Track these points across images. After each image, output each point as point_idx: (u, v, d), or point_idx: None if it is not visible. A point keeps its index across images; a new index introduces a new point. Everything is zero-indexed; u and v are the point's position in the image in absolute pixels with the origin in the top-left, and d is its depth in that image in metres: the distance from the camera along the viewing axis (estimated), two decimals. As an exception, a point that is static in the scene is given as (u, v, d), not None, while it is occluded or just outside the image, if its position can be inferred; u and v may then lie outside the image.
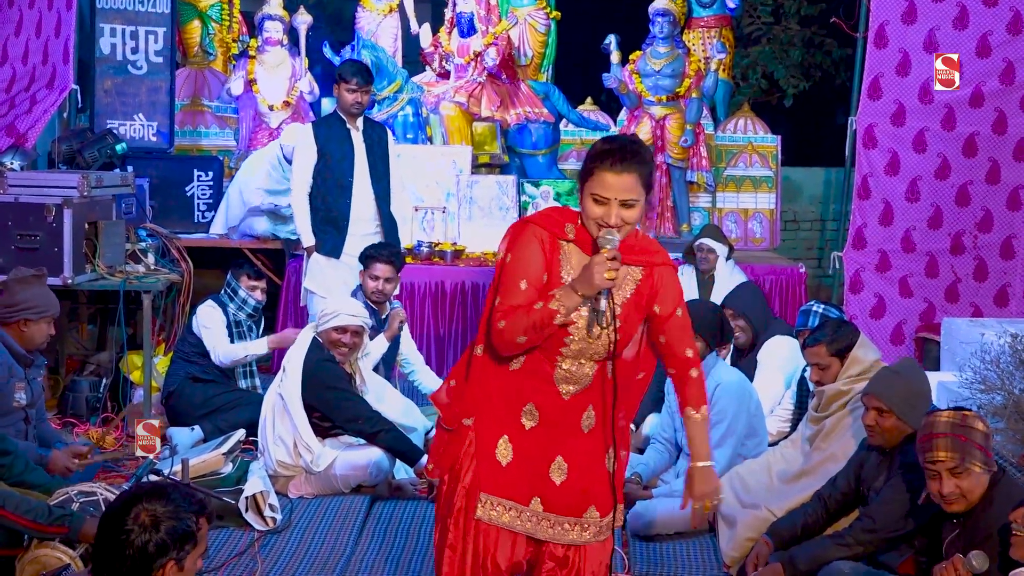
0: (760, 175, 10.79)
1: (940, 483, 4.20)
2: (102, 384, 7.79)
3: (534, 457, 3.92)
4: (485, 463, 3.92)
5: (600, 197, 3.69)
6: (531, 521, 3.93)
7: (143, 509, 3.21)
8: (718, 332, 6.22)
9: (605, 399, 3.92)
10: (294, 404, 6.40)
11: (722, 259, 8.71)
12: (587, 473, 3.95)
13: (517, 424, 3.92)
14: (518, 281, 3.77)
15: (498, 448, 3.92)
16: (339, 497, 6.41)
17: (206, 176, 9.77)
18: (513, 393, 3.91)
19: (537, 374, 3.87)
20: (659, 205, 10.50)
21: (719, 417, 6.00)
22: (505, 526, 3.91)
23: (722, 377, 6.10)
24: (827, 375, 5.57)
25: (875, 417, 4.91)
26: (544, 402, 3.89)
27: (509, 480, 3.91)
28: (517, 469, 3.91)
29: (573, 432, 3.93)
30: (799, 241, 11.26)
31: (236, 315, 7.53)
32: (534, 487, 3.92)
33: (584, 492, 3.95)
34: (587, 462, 3.96)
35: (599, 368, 3.87)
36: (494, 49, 10.35)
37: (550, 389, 3.89)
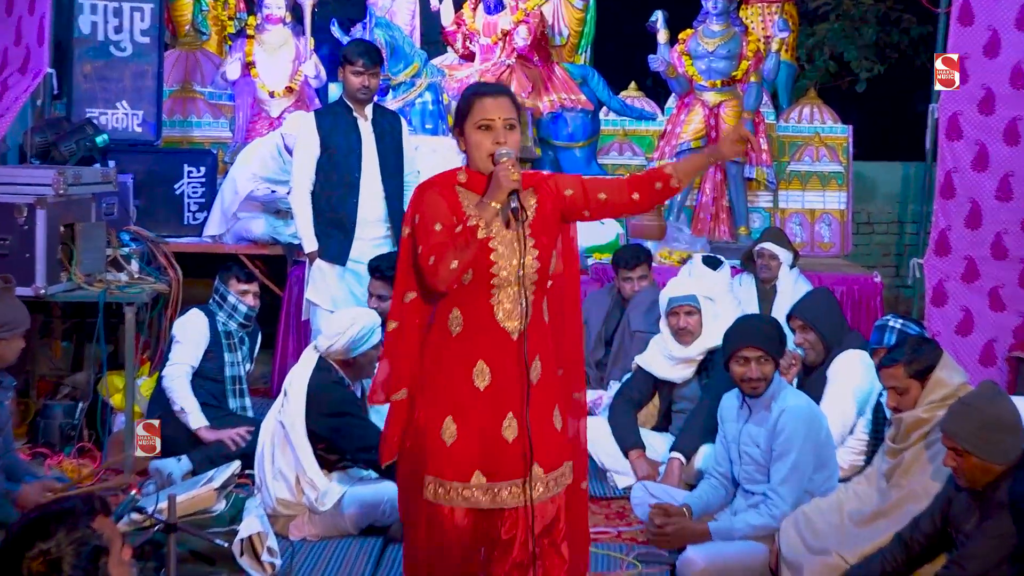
0: (829, 171, 10.75)
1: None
2: (78, 409, 7.76)
3: (485, 422, 4.46)
4: (429, 443, 4.48)
5: (485, 121, 4.46)
6: (476, 493, 4.47)
7: (34, 556, 3.05)
8: (782, 349, 6.18)
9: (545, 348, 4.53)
10: (297, 433, 6.36)
11: (785, 267, 8.68)
12: (535, 427, 4.45)
13: (469, 390, 4.46)
14: (432, 226, 4.38)
15: (443, 429, 4.47)
16: (347, 539, 6.38)
17: (198, 172, 9.79)
18: (462, 357, 4.47)
19: (481, 327, 4.45)
20: (713, 205, 10.46)
21: (784, 448, 5.94)
22: (452, 504, 4.46)
23: (787, 402, 6.04)
24: (906, 400, 5.50)
25: (954, 458, 4.85)
26: (494, 354, 4.45)
27: (452, 460, 4.45)
28: (461, 445, 4.46)
29: (524, 383, 4.45)
30: (873, 246, 11.22)
31: (226, 324, 7.52)
32: (480, 458, 4.46)
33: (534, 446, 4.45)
34: (536, 415, 4.46)
35: (535, 306, 4.47)
36: (525, 27, 10.35)
37: (497, 334, 4.45)
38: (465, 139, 4.53)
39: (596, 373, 8.38)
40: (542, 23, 10.62)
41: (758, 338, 6.07)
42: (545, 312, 4.56)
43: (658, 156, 10.58)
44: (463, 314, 4.46)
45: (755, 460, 6.09)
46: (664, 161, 10.45)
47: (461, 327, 4.47)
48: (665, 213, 10.18)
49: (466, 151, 4.55)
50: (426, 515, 4.53)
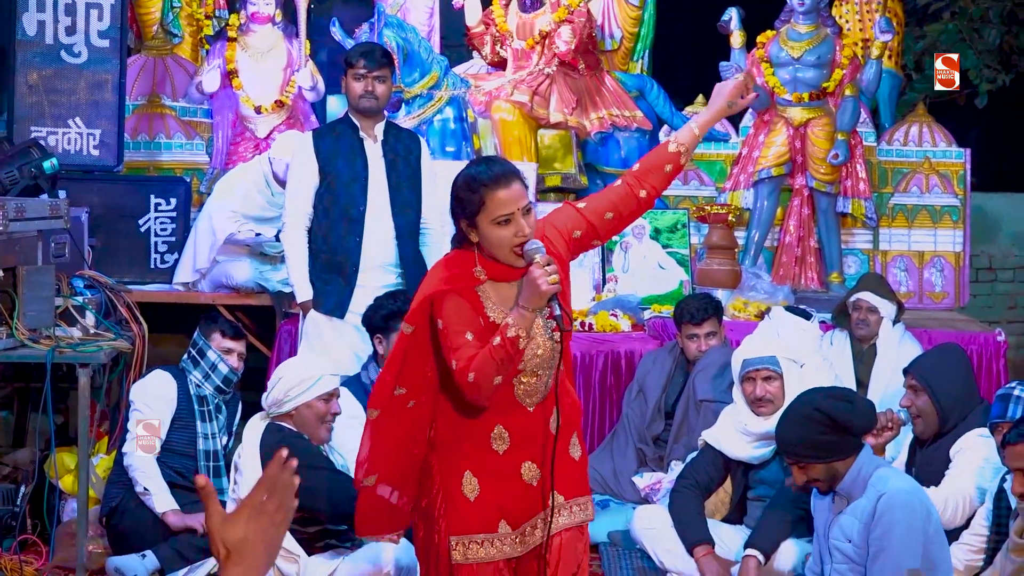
0: (942, 204, 10.79)
1: None
2: (20, 494, 7.74)
3: (505, 475, 5.07)
4: (451, 503, 5.06)
5: (503, 217, 4.86)
6: (504, 543, 5.07)
7: None
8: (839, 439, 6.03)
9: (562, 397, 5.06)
10: None
11: (887, 322, 8.70)
12: (559, 462, 5.06)
13: (488, 452, 5.06)
14: (462, 336, 4.89)
15: (463, 485, 5.06)
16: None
17: (167, 204, 9.87)
18: (479, 427, 5.05)
19: (498, 401, 4.99)
20: (799, 246, 10.49)
21: (882, 544, 5.93)
22: (481, 560, 5.03)
23: (888, 485, 6.02)
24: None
25: None
26: (511, 421, 5.06)
27: (477, 514, 5.04)
28: (485, 498, 5.06)
29: (544, 436, 5.08)
30: (997, 297, 11.25)
31: (201, 387, 7.56)
32: (503, 509, 5.07)
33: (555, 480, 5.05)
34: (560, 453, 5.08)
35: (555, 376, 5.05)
36: (568, 28, 10.41)
37: (515, 408, 5.06)
38: (479, 232, 4.93)
39: (655, 452, 8.41)
40: (589, 23, 10.62)
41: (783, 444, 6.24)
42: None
43: (731, 186, 10.62)
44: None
45: (848, 557, 6.08)
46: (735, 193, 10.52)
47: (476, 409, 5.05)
48: (740, 256, 10.20)
49: (478, 241, 4.96)
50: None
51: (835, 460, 6.04)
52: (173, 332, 8.54)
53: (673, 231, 10.23)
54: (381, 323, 7.52)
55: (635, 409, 8.61)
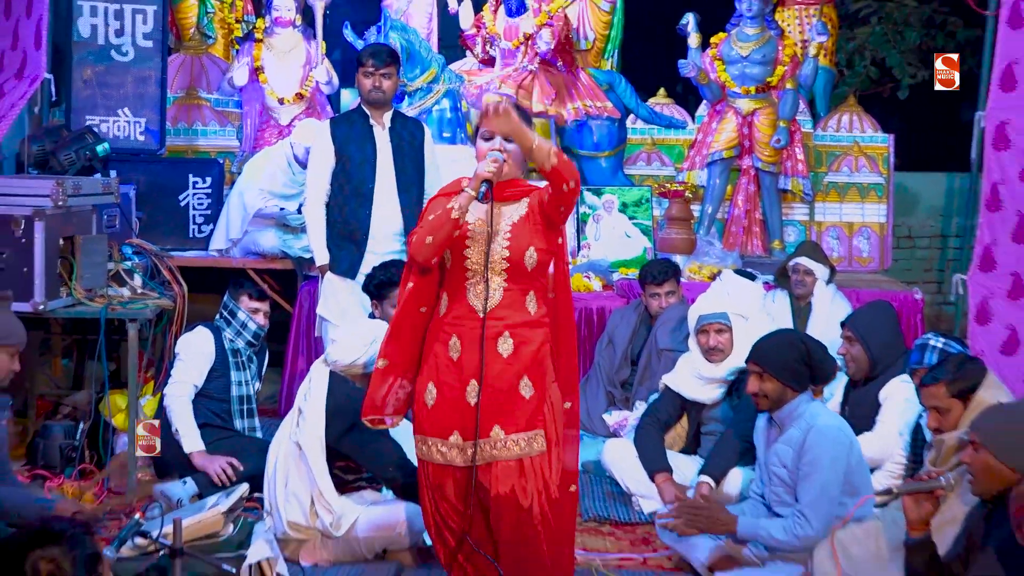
0: (868, 182, 10.81)
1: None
2: (79, 430, 7.74)
3: (455, 388, 5.31)
4: (418, 408, 5.41)
5: (487, 133, 5.37)
6: (453, 451, 5.32)
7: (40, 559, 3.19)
8: (802, 370, 6.18)
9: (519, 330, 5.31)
10: (314, 454, 6.40)
11: (821, 283, 8.73)
12: (500, 396, 5.27)
13: (445, 360, 5.35)
14: (427, 216, 5.31)
15: (426, 393, 5.37)
16: (360, 565, 6.43)
17: (203, 182, 9.87)
18: (443, 333, 5.35)
19: (457, 306, 5.33)
20: (746, 218, 10.52)
21: (810, 470, 5.97)
22: (435, 461, 5.36)
23: (815, 421, 6.05)
24: (947, 421, 5.54)
25: (971, 455, 4.89)
26: (464, 329, 5.31)
27: (433, 419, 5.35)
28: (439, 407, 5.34)
29: (490, 357, 5.26)
30: (915, 261, 11.27)
31: (234, 342, 7.56)
32: (454, 420, 5.30)
33: (489, 412, 5.25)
34: (498, 384, 5.27)
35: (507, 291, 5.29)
36: (548, 31, 10.41)
37: (468, 312, 5.31)
38: (475, 145, 5.50)
39: (621, 393, 8.45)
40: (566, 26, 10.64)
41: (756, 353, 6.22)
42: (531, 303, 5.35)
43: (688, 166, 10.65)
44: (447, 297, 5.38)
45: (783, 481, 6.12)
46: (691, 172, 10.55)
47: (446, 308, 5.38)
48: (695, 226, 10.24)
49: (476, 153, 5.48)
50: (423, 473, 5.46)
51: (789, 387, 6.09)
52: (209, 292, 8.53)
53: (638, 205, 10.25)
54: (375, 291, 7.45)
55: (605, 357, 8.65)
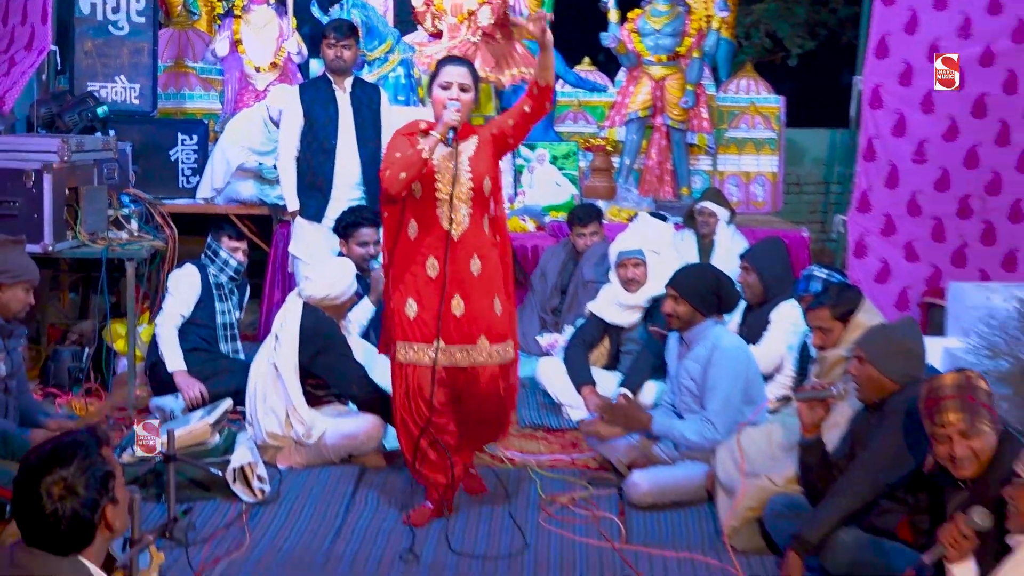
0: (763, 137, 10.83)
1: (951, 446, 4.20)
2: (85, 354, 7.79)
3: (436, 300, 5.46)
4: (398, 320, 5.55)
5: (445, 83, 5.47)
6: (436, 354, 5.47)
7: (52, 482, 3.12)
8: (711, 299, 6.22)
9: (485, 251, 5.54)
10: (289, 373, 6.43)
11: (723, 223, 8.76)
12: (478, 309, 5.51)
13: (423, 276, 5.50)
14: (393, 154, 5.39)
15: (407, 307, 5.53)
16: (328, 467, 6.47)
17: (191, 140, 9.79)
18: (418, 254, 5.50)
19: (430, 231, 5.48)
20: (658, 168, 10.53)
21: (715, 382, 6.04)
22: (418, 363, 5.51)
23: (719, 341, 6.13)
24: (829, 339, 5.60)
25: (856, 367, 4.96)
26: (440, 252, 5.46)
27: (416, 329, 5.52)
28: (420, 318, 5.50)
29: (466, 275, 5.49)
30: (802, 205, 11.31)
31: (218, 277, 7.53)
32: (436, 328, 5.45)
33: (476, 324, 5.51)
34: (478, 300, 5.52)
35: (472, 218, 5.50)
36: (488, 8, 10.33)
37: (441, 233, 5.46)
38: (432, 95, 5.51)
39: (552, 319, 8.47)
40: (504, 3, 10.57)
41: (674, 280, 6.25)
42: (486, 226, 5.59)
43: (608, 124, 10.64)
44: (418, 223, 5.52)
45: (691, 392, 6.18)
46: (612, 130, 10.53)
47: (417, 233, 5.52)
48: (615, 176, 10.24)
49: (432, 106, 5.52)
50: (401, 376, 5.58)
51: (698, 311, 6.13)
52: (197, 234, 8.45)
53: (566, 158, 10.22)
54: (342, 231, 7.67)
55: (539, 288, 8.66)
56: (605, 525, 5.81)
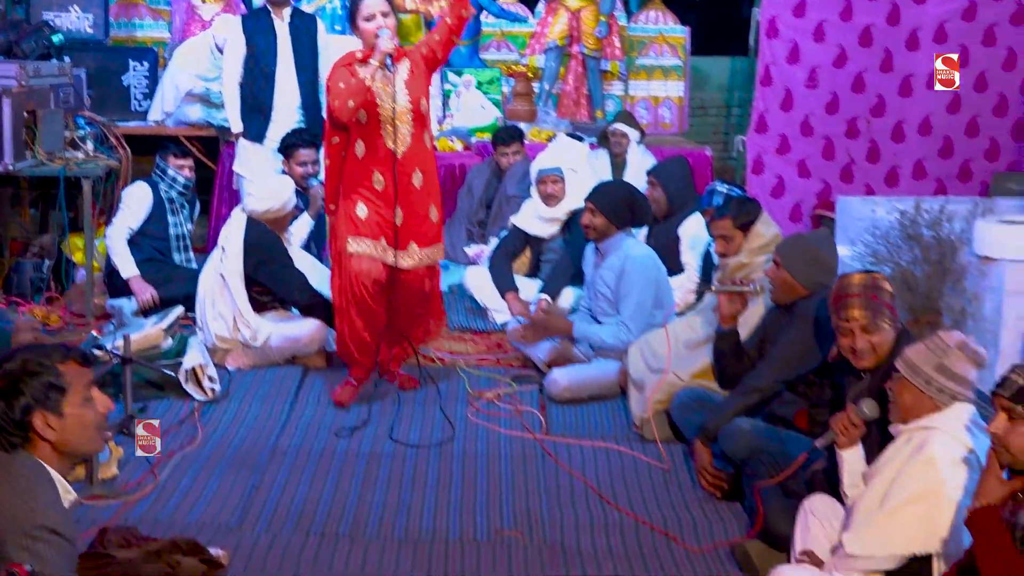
0: (670, 64, 10.76)
1: (853, 340, 4.24)
2: (45, 265, 7.69)
3: (383, 208, 5.62)
4: (351, 220, 5.65)
5: (368, 15, 5.51)
6: (381, 250, 5.65)
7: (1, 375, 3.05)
8: (625, 212, 6.21)
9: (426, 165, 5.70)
10: (235, 281, 6.36)
11: (634, 143, 8.72)
12: (417, 218, 5.69)
13: (371, 188, 5.62)
14: (338, 86, 5.43)
15: (357, 209, 5.64)
16: (274, 368, 6.43)
17: (142, 66, 9.58)
18: (366, 170, 5.61)
19: (375, 150, 5.57)
20: (575, 93, 10.45)
21: (628, 289, 6.07)
22: (365, 253, 5.64)
23: (631, 252, 6.14)
24: (731, 247, 5.59)
25: (773, 270, 4.99)
26: (384, 167, 5.58)
27: (365, 226, 5.64)
28: (369, 219, 5.63)
29: (409, 188, 5.63)
30: (706, 126, 11.25)
31: (168, 193, 7.43)
32: (382, 229, 5.64)
33: (412, 232, 5.69)
34: (417, 210, 5.69)
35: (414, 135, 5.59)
36: (416, -57, 10.17)
37: (385, 152, 5.57)
38: (358, 30, 5.59)
39: (479, 231, 8.42)
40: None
41: (593, 194, 6.27)
42: (428, 141, 5.72)
43: (529, 52, 10.51)
44: (364, 143, 5.58)
45: (606, 297, 6.19)
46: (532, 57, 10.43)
47: (364, 152, 5.60)
48: (535, 100, 10.16)
49: (361, 38, 5.59)
50: (347, 265, 5.68)
51: (613, 223, 6.15)
52: (149, 154, 8.29)
53: (490, 83, 10.11)
54: (284, 151, 7.61)
55: (466, 202, 8.59)
56: (527, 418, 5.83)
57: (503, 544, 4.51)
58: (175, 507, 4.75)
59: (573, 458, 5.39)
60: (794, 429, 4.82)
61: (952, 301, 6.37)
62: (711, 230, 5.79)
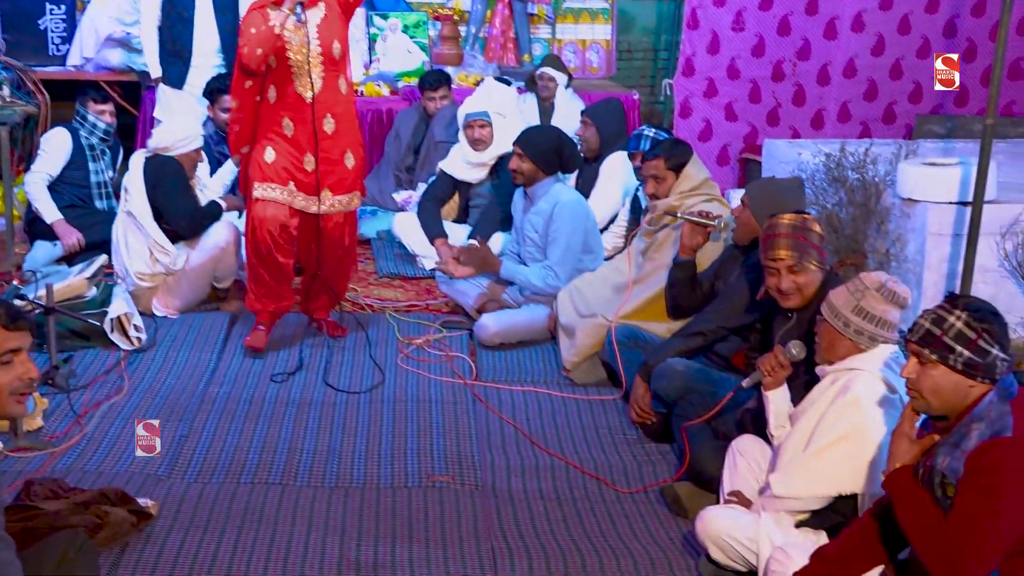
0: (597, 7, 10.71)
1: (779, 279, 4.28)
2: (-37, 213, 7.53)
3: (292, 153, 5.60)
4: (258, 165, 5.63)
5: None
6: (288, 195, 5.63)
7: None
8: (553, 158, 6.21)
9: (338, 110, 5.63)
10: (143, 213, 6.32)
11: (561, 87, 8.71)
12: (328, 164, 5.65)
13: (280, 134, 5.58)
14: (249, 31, 5.38)
15: (265, 154, 5.61)
16: (201, 315, 6.41)
17: (59, 9, 9.36)
18: (276, 115, 5.58)
19: (285, 95, 5.53)
20: (502, 36, 10.39)
21: (556, 234, 6.08)
22: (270, 198, 5.61)
23: (560, 197, 6.15)
24: (663, 188, 5.60)
25: (739, 209, 5.01)
26: (294, 112, 5.55)
27: (272, 171, 5.61)
28: (277, 164, 5.61)
29: (320, 134, 5.57)
30: (633, 70, 11.23)
31: (88, 140, 7.30)
32: (290, 174, 5.61)
33: (324, 178, 5.65)
34: (329, 156, 5.63)
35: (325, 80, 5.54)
36: None
37: (295, 97, 5.54)
38: None
39: (407, 176, 8.37)
40: None
41: (521, 138, 6.27)
42: (342, 86, 5.65)
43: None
44: (275, 88, 5.56)
45: (535, 242, 6.21)
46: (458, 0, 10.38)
47: (275, 97, 5.57)
48: (462, 43, 10.09)
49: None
50: (255, 212, 5.65)
51: (541, 168, 6.16)
52: (68, 100, 8.15)
53: (417, 27, 10.02)
54: (208, 96, 7.57)
55: (393, 148, 8.52)
56: (457, 364, 5.85)
57: (434, 489, 4.53)
58: (102, 458, 4.72)
59: (503, 403, 5.42)
60: (732, 369, 4.88)
61: (876, 243, 6.45)
62: (643, 171, 5.79)
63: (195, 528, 4.15)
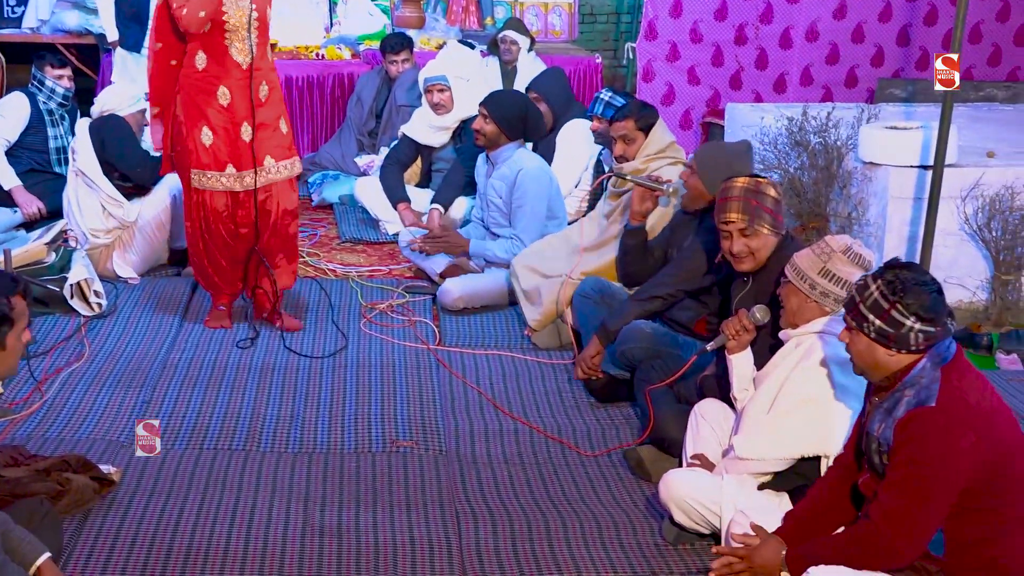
0: (559, -30, 10.69)
1: (731, 242, 4.28)
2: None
3: (229, 127, 5.36)
4: (191, 146, 5.38)
5: None
6: (228, 180, 5.42)
7: None
8: (518, 124, 6.19)
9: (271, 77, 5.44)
10: (92, 170, 6.31)
11: (524, 51, 8.68)
12: (266, 132, 5.44)
13: (216, 106, 5.34)
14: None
15: (202, 135, 5.35)
16: (163, 280, 6.37)
17: (13, -29, 9.29)
18: (208, 84, 5.32)
19: (220, 62, 5.30)
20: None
21: (521, 201, 6.09)
22: (210, 188, 5.43)
23: (524, 163, 6.14)
24: (631, 149, 5.58)
25: (687, 174, 4.97)
26: (231, 80, 5.32)
27: (210, 155, 5.38)
28: (215, 146, 5.37)
29: (256, 101, 5.36)
30: (596, 33, 11.22)
31: (47, 104, 7.23)
32: (229, 155, 5.38)
33: (263, 146, 5.43)
34: (266, 123, 5.43)
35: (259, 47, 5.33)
36: None
37: (231, 64, 5.31)
38: None
39: (369, 141, 8.33)
40: None
41: (487, 100, 6.26)
42: (270, 53, 5.48)
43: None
44: (207, 55, 5.31)
45: (499, 208, 6.20)
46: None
47: (206, 64, 5.31)
48: (424, 6, 10.03)
49: None
50: (195, 202, 5.48)
51: (504, 131, 6.16)
52: (25, 63, 8.07)
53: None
54: None
55: (355, 112, 8.48)
56: (420, 328, 5.83)
57: (398, 454, 4.53)
58: (63, 424, 4.70)
59: (467, 367, 5.42)
60: (693, 335, 4.89)
61: (838, 206, 6.47)
62: (612, 131, 5.75)
63: (158, 495, 4.13)
